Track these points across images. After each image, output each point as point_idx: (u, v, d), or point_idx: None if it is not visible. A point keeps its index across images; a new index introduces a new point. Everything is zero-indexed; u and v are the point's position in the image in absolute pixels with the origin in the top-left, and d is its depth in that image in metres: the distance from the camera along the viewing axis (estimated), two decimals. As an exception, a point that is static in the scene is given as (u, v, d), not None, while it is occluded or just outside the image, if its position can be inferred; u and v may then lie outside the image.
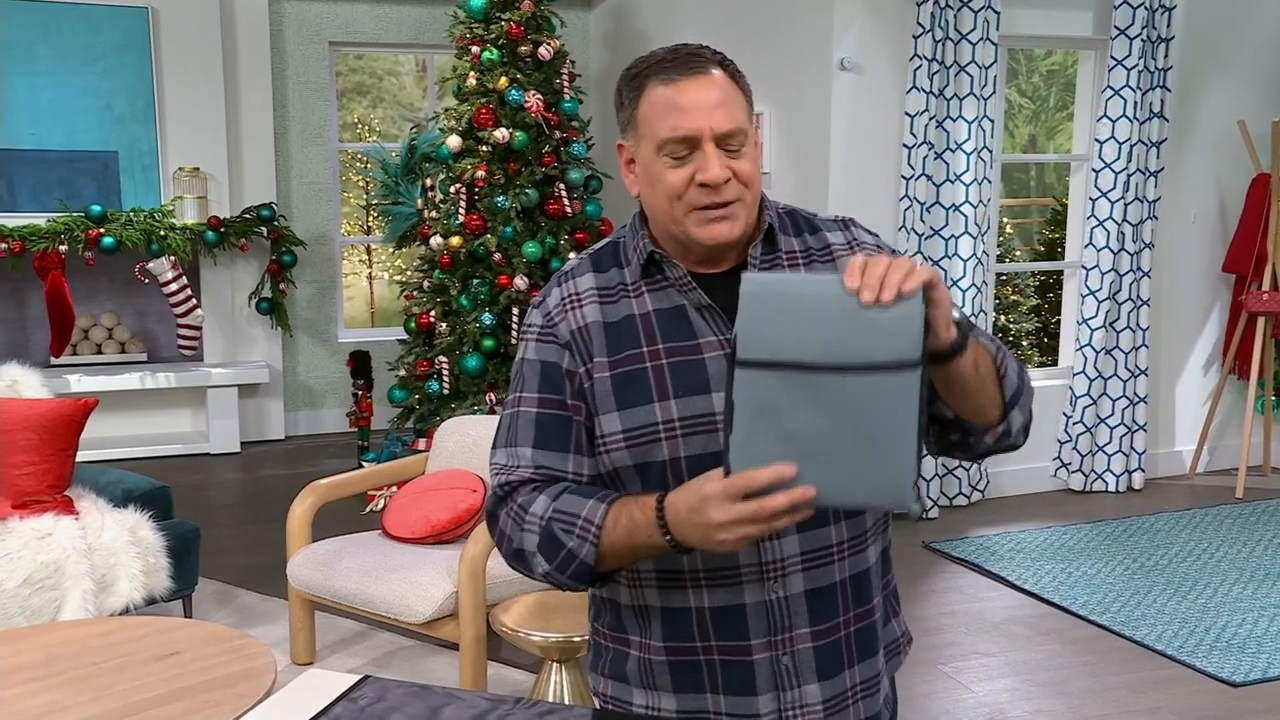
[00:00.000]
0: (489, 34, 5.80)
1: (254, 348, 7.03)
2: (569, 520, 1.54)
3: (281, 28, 7.01)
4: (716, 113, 1.53)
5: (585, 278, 1.65)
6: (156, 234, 6.42)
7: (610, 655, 1.71)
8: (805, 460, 1.34)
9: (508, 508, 1.60)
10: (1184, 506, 5.76)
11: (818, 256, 1.65)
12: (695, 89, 1.54)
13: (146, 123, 6.67)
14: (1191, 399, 6.34)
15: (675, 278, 1.61)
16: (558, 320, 1.63)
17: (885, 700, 1.73)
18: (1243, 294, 6.10)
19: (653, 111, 1.56)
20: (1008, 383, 1.57)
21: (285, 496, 5.87)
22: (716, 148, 1.53)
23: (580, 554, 1.53)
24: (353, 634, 4.17)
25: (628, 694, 1.69)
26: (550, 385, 1.62)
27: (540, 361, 1.64)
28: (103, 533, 3.80)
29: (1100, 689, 3.79)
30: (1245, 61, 6.11)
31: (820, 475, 1.34)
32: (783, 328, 1.32)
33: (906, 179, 5.37)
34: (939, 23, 5.30)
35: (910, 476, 1.32)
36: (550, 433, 1.61)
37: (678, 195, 1.55)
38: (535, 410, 1.62)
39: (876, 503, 1.35)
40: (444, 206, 5.87)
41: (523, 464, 1.61)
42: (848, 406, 1.32)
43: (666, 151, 1.55)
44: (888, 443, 1.32)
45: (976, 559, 4.96)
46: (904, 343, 1.30)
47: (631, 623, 1.66)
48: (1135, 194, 5.80)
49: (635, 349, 1.58)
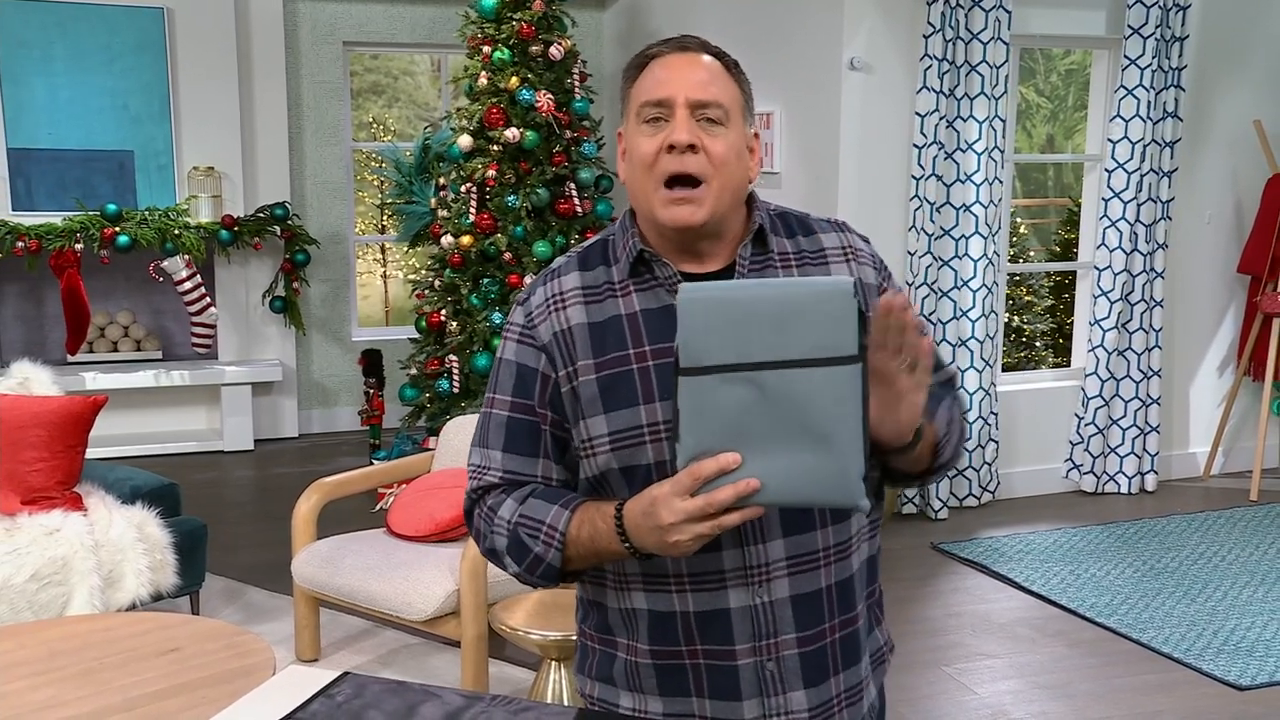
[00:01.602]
0: (500, 34, 5.81)
1: (268, 346, 7.07)
2: (534, 526, 1.58)
3: (296, 27, 7.05)
4: (696, 84, 1.55)
5: (570, 277, 1.64)
6: (171, 233, 6.46)
7: (597, 657, 1.72)
8: (755, 457, 1.36)
9: (480, 509, 1.66)
10: (1197, 509, 5.72)
11: (810, 258, 1.64)
12: (681, 62, 1.57)
13: (162, 122, 6.71)
14: (1206, 401, 6.30)
15: (664, 277, 1.60)
16: (539, 321, 1.64)
17: (871, 708, 1.72)
18: (1258, 295, 6.05)
19: (639, 87, 1.60)
20: (942, 454, 1.62)
21: (296, 494, 5.85)
22: (691, 117, 1.54)
23: (546, 558, 1.58)
24: (358, 631, 4.19)
25: (614, 696, 1.69)
26: (522, 389, 1.64)
27: (516, 363, 1.65)
28: (110, 529, 3.83)
29: (1105, 692, 3.77)
30: (1261, 61, 6.06)
31: (770, 471, 1.36)
32: (721, 333, 1.35)
33: (916, 179, 5.35)
34: (949, 22, 5.28)
35: (858, 470, 1.34)
36: (519, 437, 1.64)
37: (649, 165, 1.56)
38: (506, 414, 1.65)
39: (827, 497, 1.37)
40: (455, 206, 5.89)
41: (493, 467, 1.65)
42: (791, 402, 1.34)
43: (643, 117, 1.57)
44: (834, 438, 1.34)
45: (985, 560, 4.94)
46: (841, 337, 1.33)
47: (619, 625, 1.67)
48: (1149, 194, 5.77)
49: (621, 351, 1.58)
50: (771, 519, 1.56)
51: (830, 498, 1.37)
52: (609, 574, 1.65)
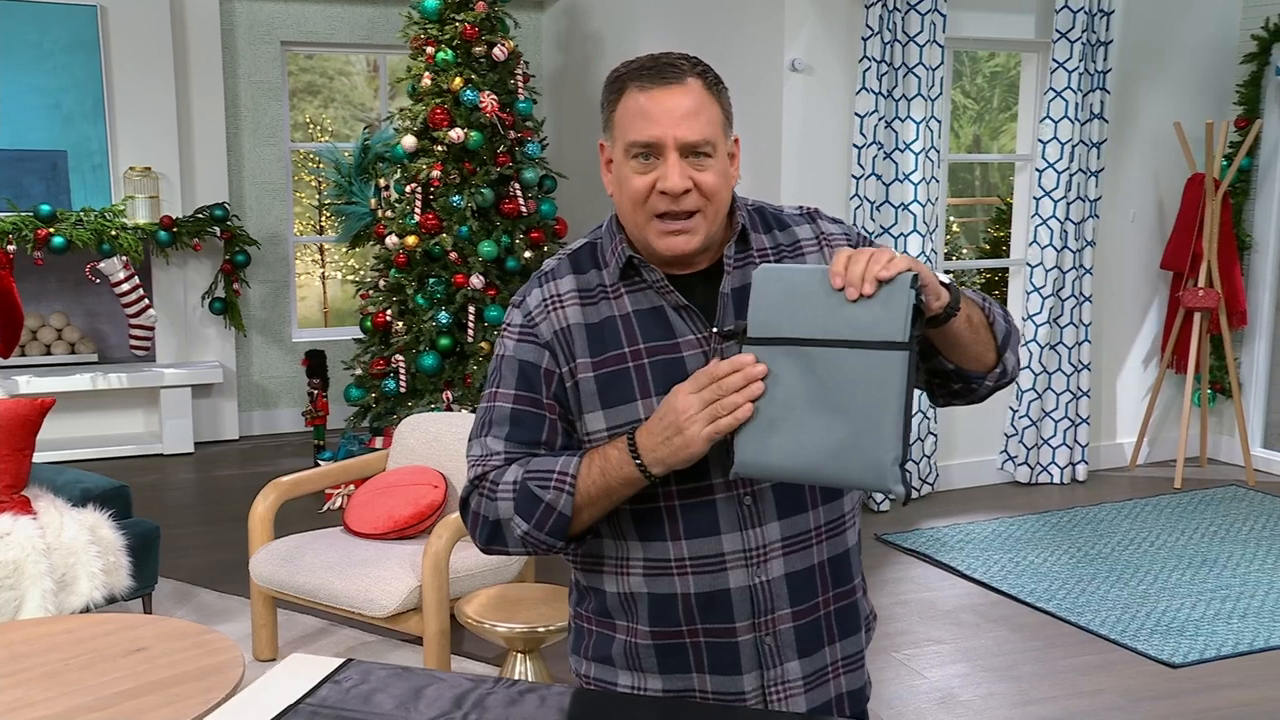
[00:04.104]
0: (444, 34, 5.84)
1: (207, 348, 7.00)
2: (543, 476, 1.60)
3: (233, 27, 6.99)
4: (684, 123, 1.58)
5: (566, 279, 1.69)
6: (108, 234, 6.38)
7: (594, 639, 1.76)
8: (796, 429, 1.45)
9: (479, 491, 1.66)
10: (1125, 497, 5.92)
11: (787, 252, 1.72)
12: (667, 98, 1.59)
13: (96, 122, 6.62)
14: (1132, 393, 6.52)
15: (653, 280, 1.66)
16: (539, 320, 1.68)
17: (868, 677, 1.81)
18: (1180, 290, 6.27)
19: (625, 115, 1.62)
20: (998, 328, 1.69)
21: (241, 496, 5.89)
22: (681, 158, 1.58)
23: (558, 505, 1.58)
24: (314, 630, 4.19)
25: (612, 675, 1.74)
26: (527, 383, 1.67)
27: (519, 360, 1.68)
28: (62, 532, 3.79)
29: (1047, 673, 3.91)
30: (1180, 65, 6.29)
31: (807, 444, 1.44)
32: (785, 309, 1.47)
33: (857, 178, 5.48)
34: (887, 25, 5.41)
35: (893, 454, 1.42)
36: (524, 426, 1.67)
37: (640, 201, 1.61)
38: (510, 406, 1.68)
39: (858, 477, 1.44)
40: (399, 206, 5.90)
41: (495, 453, 1.67)
42: (838, 379, 1.44)
43: (633, 155, 1.60)
44: (873, 419, 1.42)
45: (927, 550, 5.07)
46: (892, 325, 1.43)
47: (618, 610, 1.71)
48: (1077, 193, 5.96)
49: (618, 349, 1.64)
50: (768, 503, 1.64)
51: (861, 477, 1.44)
52: (607, 559, 1.70)
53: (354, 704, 1.54)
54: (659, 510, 1.64)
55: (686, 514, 1.63)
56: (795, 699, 1.69)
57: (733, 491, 1.62)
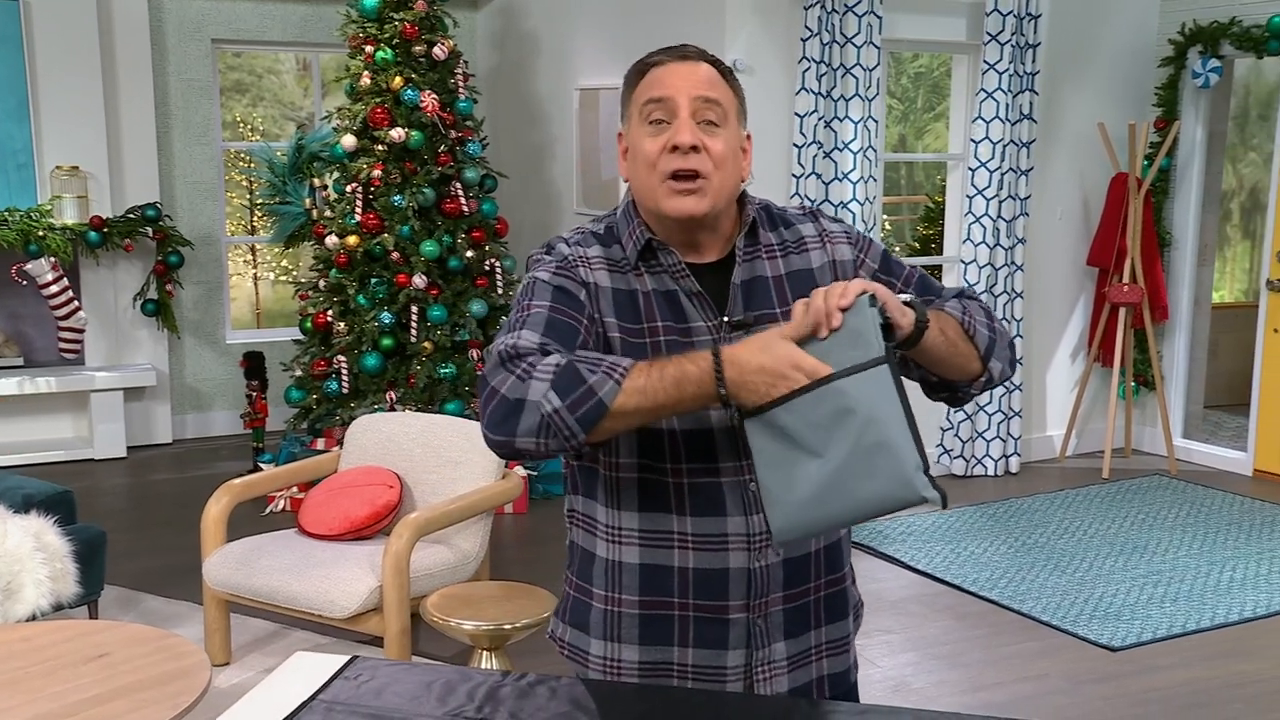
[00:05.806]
0: (383, 34, 5.80)
1: (139, 350, 6.87)
2: (594, 361, 1.54)
3: (161, 23, 6.86)
4: (697, 82, 1.67)
5: (594, 248, 1.73)
6: (35, 234, 6.23)
7: (571, 602, 1.81)
8: (811, 483, 1.49)
9: (512, 366, 1.55)
10: (1057, 488, 6.09)
11: (793, 248, 1.79)
12: (682, 67, 1.69)
13: (20, 119, 6.45)
14: (1060, 386, 6.70)
15: (670, 264, 1.71)
16: (575, 265, 1.70)
17: (854, 660, 1.87)
18: (1105, 286, 6.47)
19: (643, 88, 1.70)
20: (980, 338, 1.74)
21: (177, 500, 5.80)
22: (692, 118, 1.65)
23: (601, 391, 1.50)
24: (267, 633, 4.15)
25: (585, 643, 1.77)
26: (564, 298, 1.66)
27: (553, 285, 1.67)
28: (6, 539, 3.71)
29: (994, 659, 4.03)
30: (1104, 67, 6.48)
31: (831, 489, 1.48)
32: None
33: (797, 177, 5.56)
34: (825, 26, 5.50)
35: (913, 462, 1.46)
36: (560, 331, 1.62)
37: (652, 163, 1.66)
38: (547, 311, 1.63)
39: (892, 496, 1.47)
40: (340, 206, 5.85)
41: (530, 343, 1.58)
42: (837, 415, 1.47)
43: (646, 115, 1.67)
44: (882, 438, 1.46)
45: (872, 543, 5.17)
46: (867, 345, 1.49)
47: (600, 577, 1.74)
48: (1008, 192, 6.11)
49: (638, 323, 1.68)
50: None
51: (893, 495, 1.47)
52: (600, 524, 1.73)
53: (367, 698, 1.55)
54: (666, 485, 1.68)
55: (694, 492, 1.67)
56: (779, 678, 1.73)
57: (739, 477, 1.67)
